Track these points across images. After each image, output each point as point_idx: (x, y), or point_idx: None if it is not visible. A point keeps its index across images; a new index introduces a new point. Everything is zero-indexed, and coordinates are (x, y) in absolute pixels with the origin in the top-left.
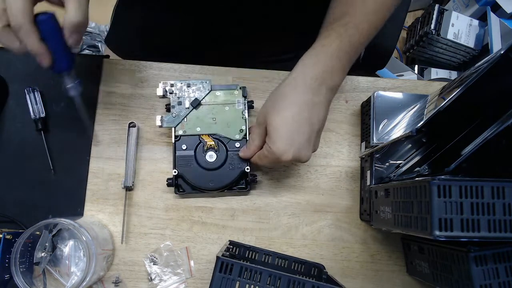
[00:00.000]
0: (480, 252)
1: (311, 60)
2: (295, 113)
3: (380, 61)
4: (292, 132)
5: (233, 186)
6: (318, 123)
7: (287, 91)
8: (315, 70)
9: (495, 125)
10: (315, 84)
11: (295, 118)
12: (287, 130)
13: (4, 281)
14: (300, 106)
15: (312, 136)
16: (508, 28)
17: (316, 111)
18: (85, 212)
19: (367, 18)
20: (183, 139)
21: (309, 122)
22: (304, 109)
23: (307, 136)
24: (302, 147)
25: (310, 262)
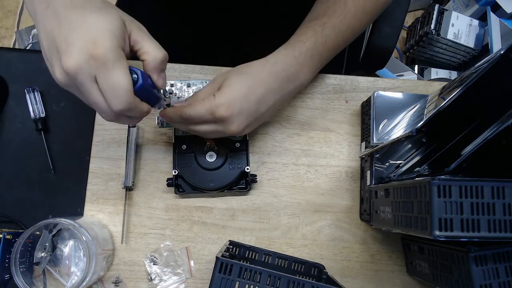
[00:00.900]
0: (480, 252)
1: (286, 51)
2: (253, 84)
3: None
4: (240, 96)
5: (233, 186)
6: (264, 108)
7: (256, 65)
8: (287, 62)
9: (495, 125)
10: (282, 74)
11: (250, 87)
12: (238, 92)
13: (4, 281)
14: (260, 83)
15: (252, 114)
16: (508, 28)
17: (270, 96)
18: (85, 212)
19: (346, 21)
20: (183, 139)
21: (259, 100)
22: (261, 87)
23: (249, 109)
24: (239, 114)
25: (310, 262)
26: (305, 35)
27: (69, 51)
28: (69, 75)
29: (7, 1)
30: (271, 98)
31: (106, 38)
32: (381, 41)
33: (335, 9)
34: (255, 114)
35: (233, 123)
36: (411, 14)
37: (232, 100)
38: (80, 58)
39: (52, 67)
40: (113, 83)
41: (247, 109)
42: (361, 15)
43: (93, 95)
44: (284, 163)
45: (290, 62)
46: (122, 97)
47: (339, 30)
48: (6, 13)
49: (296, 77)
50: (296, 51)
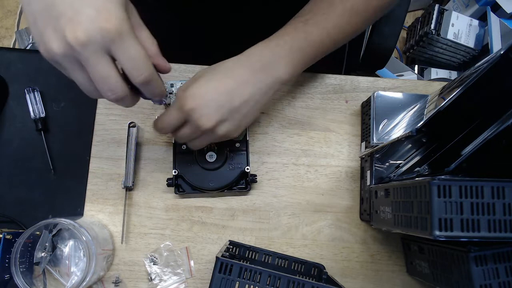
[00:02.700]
0: (480, 252)
1: (263, 44)
2: (223, 76)
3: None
4: (209, 88)
5: (233, 186)
6: (238, 100)
7: (231, 59)
8: (262, 53)
9: (495, 125)
10: (256, 65)
11: (220, 79)
12: (207, 84)
13: (4, 281)
14: (231, 74)
15: (223, 105)
16: (508, 28)
17: (244, 88)
18: (85, 212)
19: (332, 19)
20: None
21: (230, 91)
22: (232, 78)
23: (219, 101)
24: (207, 105)
25: (310, 262)
26: (284, 30)
27: (78, 20)
28: (73, 47)
29: (7, 1)
30: (245, 91)
31: (118, 9)
32: (381, 41)
33: (321, 7)
34: (228, 106)
35: (202, 115)
36: (411, 14)
37: (199, 91)
38: (92, 29)
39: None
40: (132, 54)
41: (217, 100)
42: (350, 15)
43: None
44: (284, 163)
45: (265, 53)
46: (143, 67)
47: (323, 27)
48: (6, 13)
49: (273, 69)
50: (273, 43)
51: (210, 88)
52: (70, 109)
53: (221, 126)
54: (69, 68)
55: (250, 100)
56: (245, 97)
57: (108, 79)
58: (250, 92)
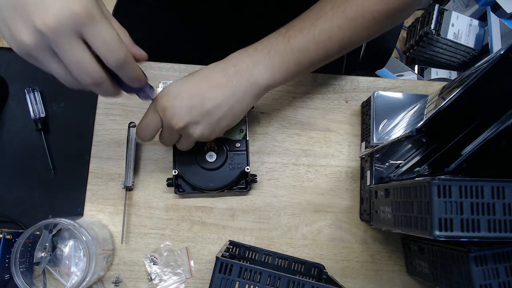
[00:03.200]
0: (480, 252)
1: (243, 50)
2: (198, 79)
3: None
4: (182, 90)
5: (233, 186)
6: (211, 103)
7: (209, 66)
8: (240, 58)
9: (495, 125)
10: (232, 69)
11: (194, 82)
12: (181, 86)
13: (4, 281)
14: (205, 77)
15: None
16: (508, 28)
17: (217, 92)
18: (85, 212)
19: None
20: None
21: (203, 94)
22: (206, 81)
23: (191, 102)
24: (180, 106)
25: (310, 262)
26: (268, 36)
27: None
28: (44, 34)
29: None
30: (219, 94)
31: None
32: (381, 41)
33: (310, 13)
34: (199, 108)
35: (174, 115)
36: None
37: (173, 92)
38: (62, 13)
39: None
40: (105, 37)
41: (188, 102)
42: (341, 21)
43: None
44: (284, 163)
45: (242, 58)
46: (117, 49)
47: (308, 32)
48: None
49: (249, 73)
50: (251, 48)
51: (183, 90)
52: (70, 109)
53: (194, 128)
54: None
55: (223, 104)
56: (218, 100)
57: (83, 63)
58: (223, 96)
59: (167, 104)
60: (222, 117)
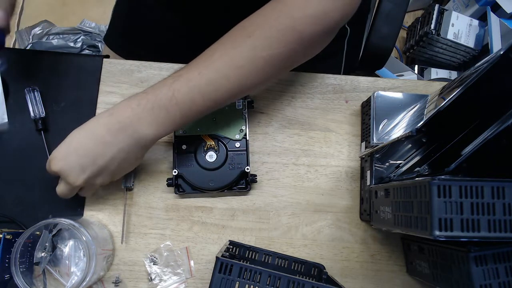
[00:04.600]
0: (480, 252)
1: (127, 101)
2: (84, 137)
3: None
4: (70, 151)
5: (233, 186)
6: (101, 160)
7: (96, 117)
8: (122, 113)
9: (495, 125)
10: (116, 126)
11: (81, 141)
12: (68, 146)
13: (4, 281)
14: (91, 135)
15: (88, 167)
16: (508, 28)
17: (104, 149)
18: (85, 212)
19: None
20: (183, 139)
21: (91, 153)
22: (92, 140)
23: (82, 162)
24: (72, 168)
25: (310, 262)
26: (153, 87)
27: None
28: None
29: None
30: (107, 151)
31: None
32: (380, 41)
33: (198, 62)
34: (91, 167)
35: (68, 175)
36: (411, 14)
37: (62, 154)
38: None
39: None
40: None
41: (79, 163)
42: (229, 71)
43: None
44: (284, 163)
45: (126, 113)
46: None
47: (194, 85)
48: None
49: (133, 130)
50: (134, 102)
51: (72, 151)
52: (70, 109)
53: (94, 180)
54: None
55: (114, 159)
56: (107, 157)
57: None
58: (112, 153)
59: (58, 167)
60: (118, 167)
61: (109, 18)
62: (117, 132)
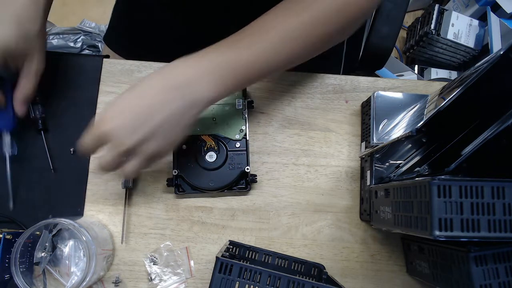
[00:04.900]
0: (480, 252)
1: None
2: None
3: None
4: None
5: (233, 186)
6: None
7: (147, 78)
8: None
9: (495, 125)
10: (173, 83)
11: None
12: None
13: (4, 281)
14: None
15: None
16: (508, 28)
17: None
18: (85, 212)
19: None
20: (183, 139)
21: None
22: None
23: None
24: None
25: (310, 262)
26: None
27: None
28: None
29: None
30: (162, 110)
31: None
32: (380, 41)
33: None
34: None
35: (119, 135)
36: (411, 14)
37: (112, 114)
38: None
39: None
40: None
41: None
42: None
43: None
44: (284, 163)
45: (183, 72)
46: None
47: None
48: None
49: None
50: (193, 61)
51: (121, 111)
52: (70, 109)
53: (145, 146)
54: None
55: (167, 120)
56: (160, 118)
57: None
58: (167, 112)
59: (107, 127)
60: (172, 131)
61: (109, 18)
62: (173, 91)
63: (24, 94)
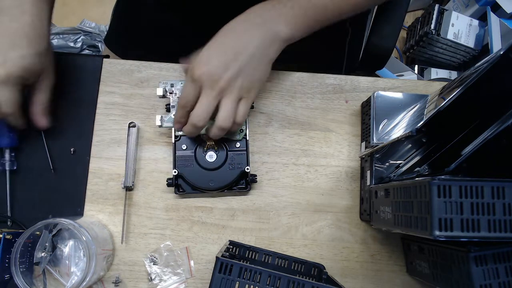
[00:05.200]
0: (480, 252)
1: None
2: (225, 34)
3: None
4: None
5: (233, 186)
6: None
7: (231, 21)
8: (263, 10)
9: (495, 125)
10: (257, 20)
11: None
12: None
13: (4, 281)
14: (233, 31)
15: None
16: (508, 28)
17: (247, 42)
18: (85, 212)
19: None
20: (183, 139)
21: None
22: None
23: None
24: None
25: (310, 262)
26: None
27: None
28: None
29: None
30: (249, 44)
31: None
32: (381, 41)
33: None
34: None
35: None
36: (411, 14)
37: (205, 58)
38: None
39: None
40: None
41: (222, 60)
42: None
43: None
44: (284, 163)
45: (265, 10)
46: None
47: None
48: None
49: (271, 25)
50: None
51: (213, 51)
52: (70, 109)
53: (234, 83)
54: None
55: (256, 53)
56: (247, 53)
57: None
58: (251, 49)
59: (201, 70)
60: (258, 67)
61: (109, 18)
62: (259, 25)
63: (42, 107)
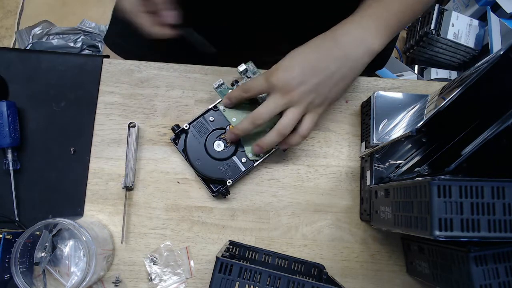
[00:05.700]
0: (480, 252)
1: (347, 20)
2: (309, 50)
3: (379, 61)
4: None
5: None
6: (323, 74)
7: (318, 37)
8: (349, 27)
9: (495, 125)
10: (343, 39)
11: (304, 54)
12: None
13: (4, 281)
14: (317, 48)
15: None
16: (508, 28)
17: (329, 61)
18: (85, 212)
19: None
20: (217, 112)
21: (315, 65)
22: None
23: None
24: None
25: (310, 262)
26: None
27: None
28: None
29: (7, 1)
30: (331, 64)
31: None
32: None
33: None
34: (312, 79)
35: (287, 85)
36: None
37: (284, 66)
38: None
39: None
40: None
41: (301, 72)
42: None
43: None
44: (284, 163)
45: (352, 27)
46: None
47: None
48: (6, 13)
49: (361, 40)
50: (357, 16)
51: (294, 63)
52: (70, 109)
53: (309, 97)
54: None
55: (336, 73)
56: (331, 69)
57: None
58: (335, 65)
59: (278, 77)
60: (334, 86)
61: (109, 18)
62: (345, 44)
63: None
